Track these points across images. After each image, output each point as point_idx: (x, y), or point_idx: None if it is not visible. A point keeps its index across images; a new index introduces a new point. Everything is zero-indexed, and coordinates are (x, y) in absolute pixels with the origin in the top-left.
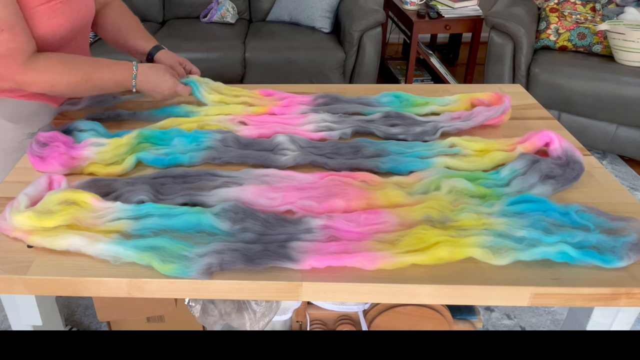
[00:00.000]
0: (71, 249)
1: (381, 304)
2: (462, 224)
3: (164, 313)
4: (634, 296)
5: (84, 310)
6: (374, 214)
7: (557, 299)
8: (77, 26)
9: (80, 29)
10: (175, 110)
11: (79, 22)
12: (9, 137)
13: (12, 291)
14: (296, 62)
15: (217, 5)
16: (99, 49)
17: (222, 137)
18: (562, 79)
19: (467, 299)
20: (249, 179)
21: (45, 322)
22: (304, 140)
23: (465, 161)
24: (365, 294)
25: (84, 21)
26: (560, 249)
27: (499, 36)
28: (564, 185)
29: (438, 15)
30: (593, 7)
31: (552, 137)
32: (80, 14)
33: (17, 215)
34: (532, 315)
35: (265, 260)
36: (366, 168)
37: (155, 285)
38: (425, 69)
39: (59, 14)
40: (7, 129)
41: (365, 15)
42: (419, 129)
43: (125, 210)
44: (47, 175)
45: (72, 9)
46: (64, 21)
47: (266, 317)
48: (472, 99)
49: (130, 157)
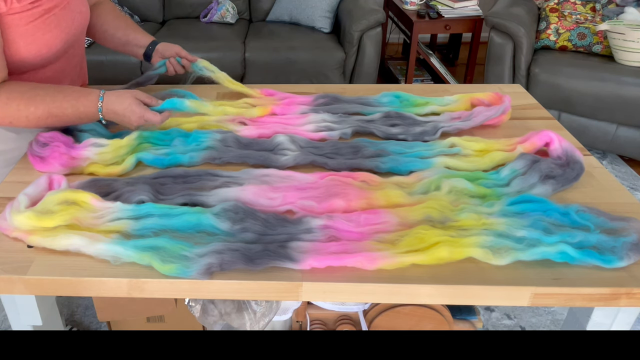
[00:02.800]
0: (71, 249)
1: (381, 304)
2: (462, 224)
3: (164, 313)
4: (634, 296)
5: (84, 310)
6: (374, 214)
7: (557, 299)
8: (73, 35)
9: (76, 37)
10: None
11: (74, 31)
12: (11, 147)
13: (12, 291)
14: (296, 62)
15: (217, 5)
16: (99, 49)
17: (222, 137)
18: (562, 79)
19: (467, 299)
20: (249, 179)
21: (45, 322)
22: (304, 140)
23: (465, 161)
24: (365, 294)
25: (79, 29)
26: (560, 249)
27: (499, 36)
28: (564, 185)
29: (438, 15)
30: (593, 7)
31: (552, 137)
32: (75, 22)
33: (17, 215)
34: (532, 315)
35: (266, 260)
36: (366, 168)
37: (155, 285)
38: (425, 69)
39: (53, 27)
40: (9, 139)
41: (365, 15)
42: (419, 129)
43: (126, 210)
44: (47, 175)
45: (66, 19)
46: (59, 33)
47: (266, 317)
48: (472, 99)
49: (130, 157)
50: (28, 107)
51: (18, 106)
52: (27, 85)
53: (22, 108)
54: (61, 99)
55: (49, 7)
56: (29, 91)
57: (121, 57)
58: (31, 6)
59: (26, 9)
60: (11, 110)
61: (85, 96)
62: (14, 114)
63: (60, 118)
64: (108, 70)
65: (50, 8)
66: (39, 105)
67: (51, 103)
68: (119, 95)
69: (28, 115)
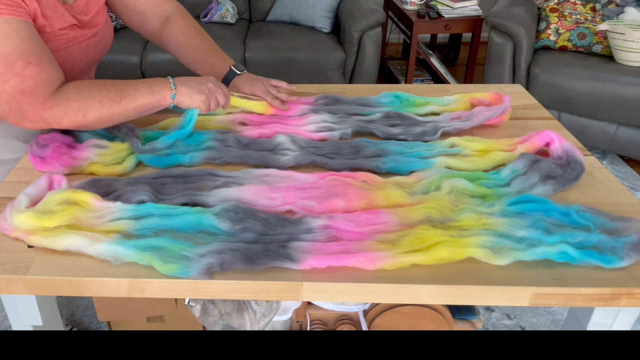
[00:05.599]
0: (72, 249)
1: (381, 304)
2: (463, 224)
3: (164, 313)
4: (635, 296)
5: (84, 310)
6: (374, 214)
7: (558, 299)
8: (89, 62)
9: (90, 64)
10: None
11: (93, 60)
12: (21, 156)
13: (13, 291)
14: (296, 62)
15: (217, 5)
16: None
17: (223, 137)
18: (562, 79)
19: (468, 299)
20: (249, 179)
21: (45, 322)
22: (305, 140)
23: (465, 161)
24: (366, 294)
25: (97, 58)
26: (560, 249)
27: (499, 36)
28: (564, 185)
29: (438, 15)
30: (593, 7)
31: (552, 137)
32: (96, 52)
33: (17, 215)
34: (532, 315)
35: (266, 260)
36: (367, 168)
37: (155, 285)
38: (425, 69)
39: (74, 55)
40: (19, 149)
41: (365, 15)
42: (419, 129)
43: (126, 210)
44: (48, 175)
45: (88, 49)
46: (79, 62)
47: (266, 317)
48: (472, 99)
49: (130, 157)
50: (100, 91)
51: (90, 93)
52: (90, 80)
53: (95, 94)
54: (129, 81)
55: (74, 36)
56: (96, 81)
57: (121, 57)
58: (59, 32)
59: (54, 35)
60: (83, 99)
61: (153, 78)
62: (87, 103)
63: (133, 98)
64: (108, 70)
65: (75, 37)
66: (110, 88)
67: (121, 83)
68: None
69: (101, 100)
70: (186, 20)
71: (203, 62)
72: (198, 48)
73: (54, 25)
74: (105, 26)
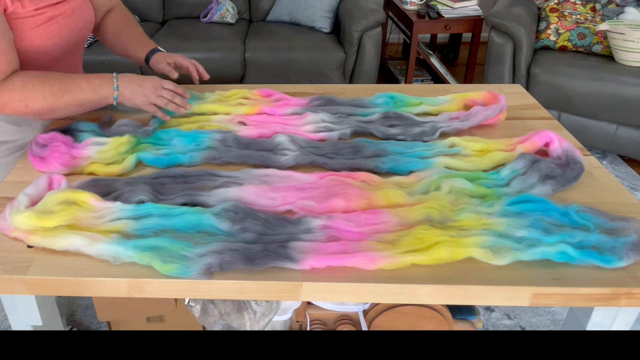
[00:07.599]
0: (71, 249)
1: (381, 304)
2: (462, 224)
3: (164, 313)
4: (634, 296)
5: (84, 310)
6: (374, 214)
7: (557, 299)
8: (74, 44)
9: (77, 45)
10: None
11: (75, 39)
12: (14, 138)
13: (13, 291)
14: (296, 62)
15: (217, 5)
16: (99, 48)
17: (222, 137)
18: (562, 79)
19: (467, 299)
20: (249, 179)
21: (45, 322)
22: (304, 140)
23: (465, 161)
24: (365, 294)
25: (80, 38)
26: (560, 249)
27: (499, 36)
28: (564, 185)
29: (438, 15)
30: (593, 7)
31: (552, 137)
32: (76, 31)
33: (17, 215)
34: (532, 315)
35: (266, 260)
36: (366, 168)
37: (155, 286)
38: (425, 69)
39: (54, 34)
40: (11, 131)
41: (365, 15)
42: (418, 130)
43: (126, 210)
44: (47, 175)
45: (68, 27)
46: (60, 40)
47: (266, 317)
48: (466, 99)
49: (130, 157)
50: (44, 86)
51: (34, 86)
52: (40, 71)
53: (38, 87)
54: (75, 77)
55: (53, 15)
56: (43, 74)
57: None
58: (35, 12)
59: (30, 15)
60: (27, 91)
61: (98, 75)
62: (30, 95)
63: (76, 95)
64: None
65: (53, 16)
66: (54, 83)
67: (66, 79)
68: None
69: (44, 94)
70: (122, 14)
71: (127, 51)
72: (131, 33)
73: (27, 6)
74: (84, 4)
